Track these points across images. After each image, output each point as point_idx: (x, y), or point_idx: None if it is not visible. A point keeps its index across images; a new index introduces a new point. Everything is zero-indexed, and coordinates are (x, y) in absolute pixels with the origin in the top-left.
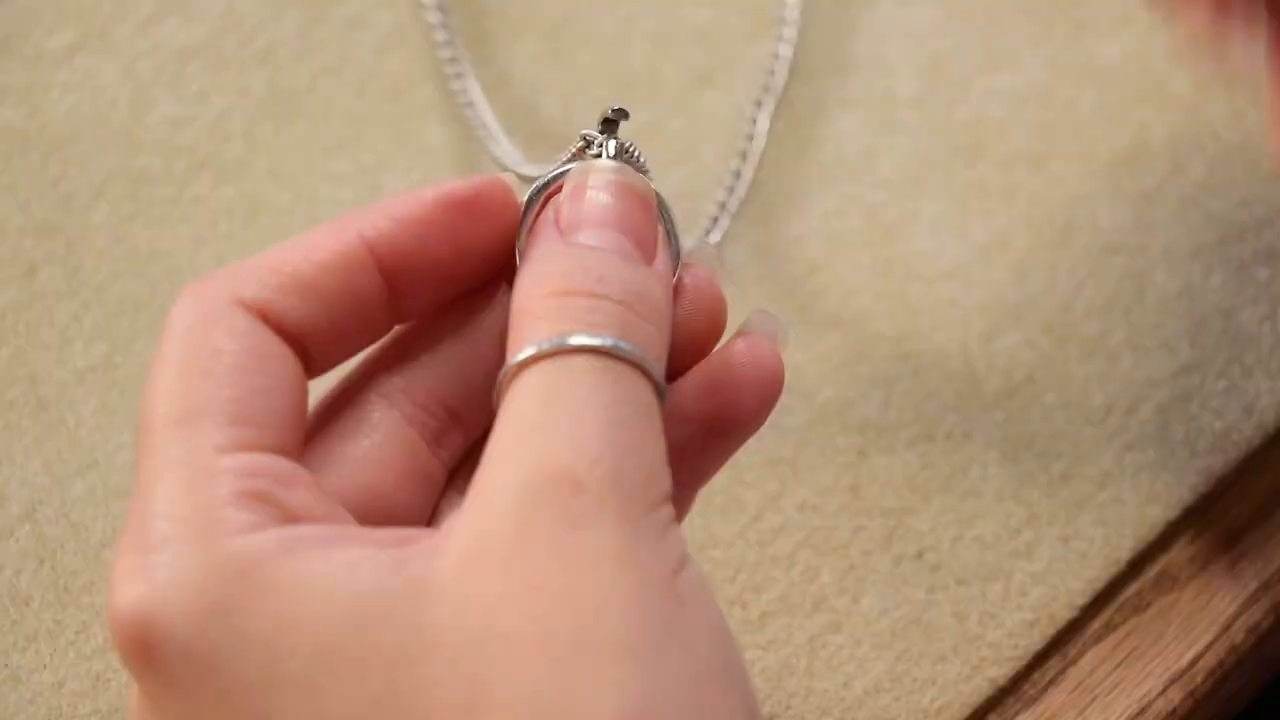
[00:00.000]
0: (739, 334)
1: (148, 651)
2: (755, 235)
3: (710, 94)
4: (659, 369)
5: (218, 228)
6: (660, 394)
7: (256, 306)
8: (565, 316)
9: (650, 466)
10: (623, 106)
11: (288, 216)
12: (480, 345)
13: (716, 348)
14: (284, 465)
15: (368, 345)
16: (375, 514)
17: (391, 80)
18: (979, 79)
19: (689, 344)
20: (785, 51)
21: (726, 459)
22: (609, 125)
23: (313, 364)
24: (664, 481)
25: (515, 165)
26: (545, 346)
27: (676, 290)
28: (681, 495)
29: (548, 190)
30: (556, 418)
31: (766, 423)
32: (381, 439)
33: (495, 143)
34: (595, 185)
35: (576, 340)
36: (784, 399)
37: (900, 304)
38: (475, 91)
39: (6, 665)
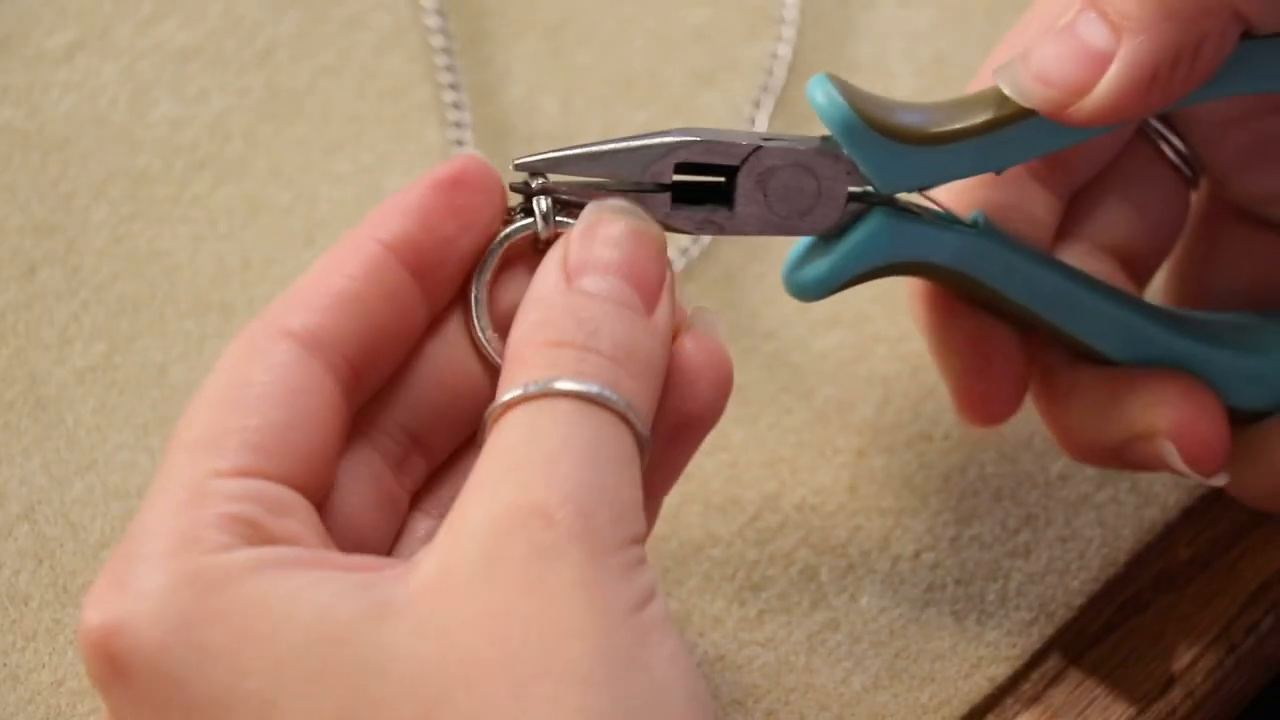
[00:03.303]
0: (684, 332)
1: (112, 662)
2: None
3: (710, 94)
4: (642, 422)
5: (218, 228)
6: (641, 445)
7: (305, 333)
8: (555, 363)
9: (621, 508)
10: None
11: (288, 216)
12: (442, 373)
13: None
14: (281, 493)
15: (410, 345)
16: (342, 538)
17: (391, 80)
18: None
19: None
20: (784, 52)
21: (687, 459)
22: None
23: (364, 382)
24: (636, 524)
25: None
26: (532, 389)
27: (676, 329)
28: (647, 505)
29: (510, 240)
30: (534, 456)
31: (766, 423)
32: (347, 463)
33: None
34: (607, 227)
35: (562, 385)
36: (783, 399)
37: (899, 304)
38: (464, 105)
39: (5, 664)
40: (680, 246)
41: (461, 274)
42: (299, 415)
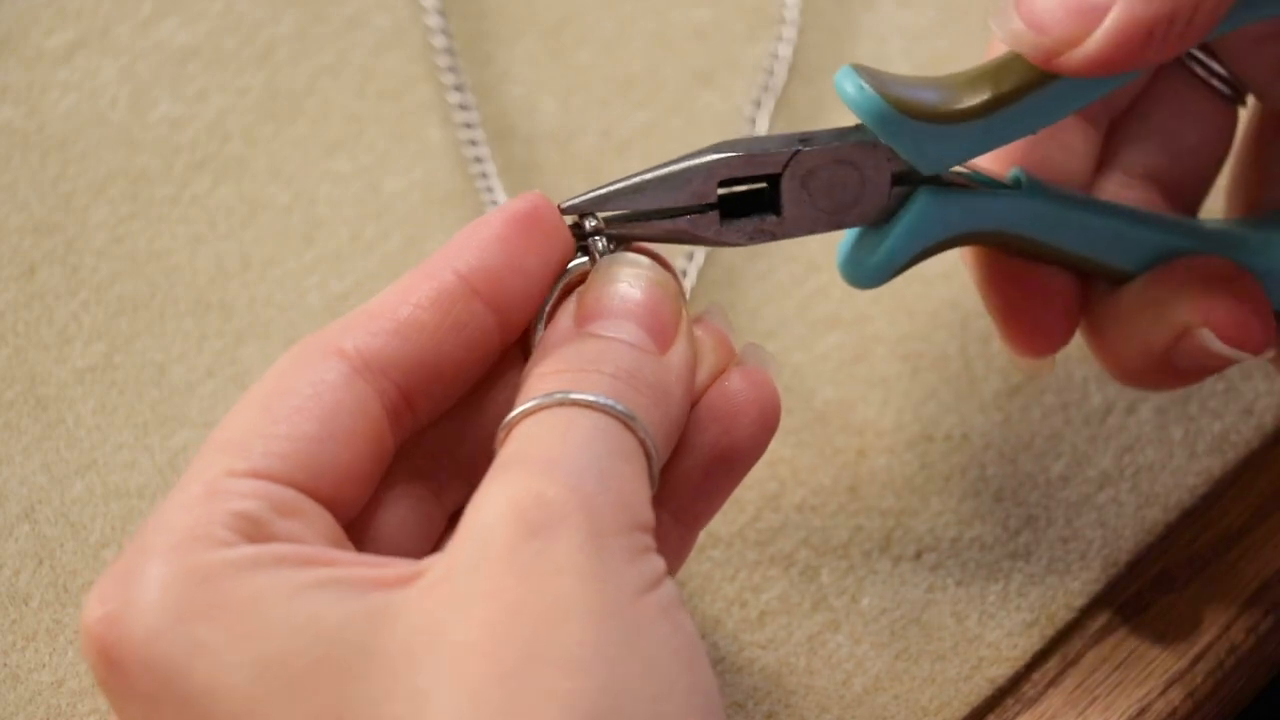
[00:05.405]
0: (734, 366)
1: (107, 653)
2: None
3: (710, 94)
4: (649, 431)
5: (217, 228)
6: (649, 454)
7: (356, 355)
8: (558, 385)
9: (623, 495)
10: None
11: (287, 216)
12: (499, 406)
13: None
14: (292, 496)
15: (477, 375)
16: (375, 554)
17: (391, 80)
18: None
19: (704, 382)
20: (785, 51)
21: (727, 494)
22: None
23: (417, 409)
24: (640, 512)
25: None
26: (531, 405)
27: (725, 365)
28: (684, 537)
29: (568, 279)
30: (531, 454)
31: None
32: (386, 483)
33: (484, 171)
34: (617, 278)
35: (561, 395)
36: (783, 399)
37: (900, 304)
38: (470, 105)
39: (5, 664)
40: (686, 252)
41: (537, 310)
42: (331, 431)
